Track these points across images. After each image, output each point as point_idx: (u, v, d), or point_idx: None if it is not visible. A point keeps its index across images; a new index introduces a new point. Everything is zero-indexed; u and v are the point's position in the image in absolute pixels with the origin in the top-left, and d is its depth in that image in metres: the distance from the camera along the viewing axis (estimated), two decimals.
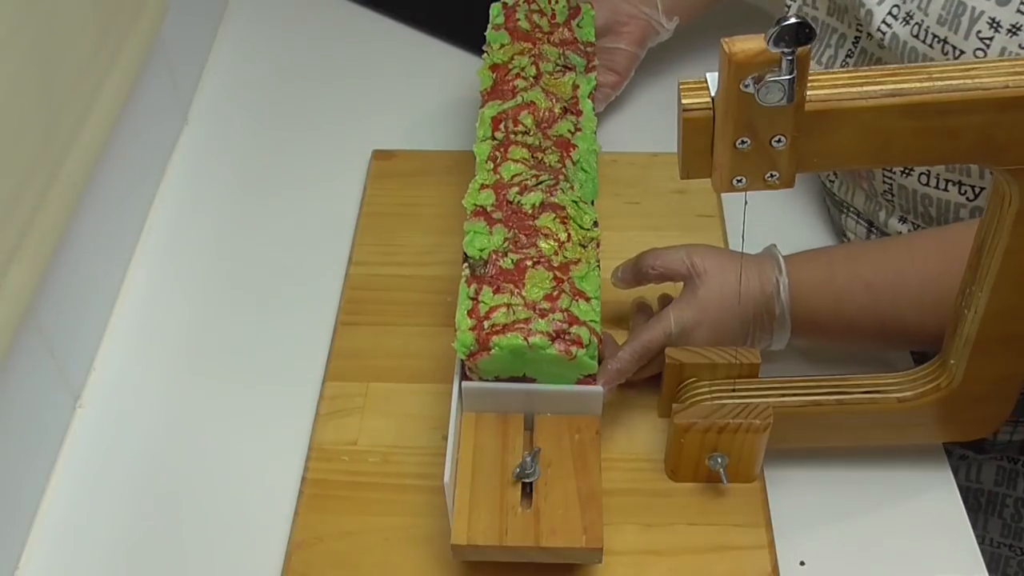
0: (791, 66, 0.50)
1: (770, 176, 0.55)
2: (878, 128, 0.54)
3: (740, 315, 0.73)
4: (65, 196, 0.74)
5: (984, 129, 0.53)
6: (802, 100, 0.52)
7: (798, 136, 0.54)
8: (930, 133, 0.54)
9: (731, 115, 0.53)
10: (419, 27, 1.13)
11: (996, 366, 0.64)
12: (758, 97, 0.51)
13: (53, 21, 0.73)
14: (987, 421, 0.69)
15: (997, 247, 0.58)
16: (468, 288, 0.70)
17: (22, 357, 0.71)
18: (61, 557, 0.72)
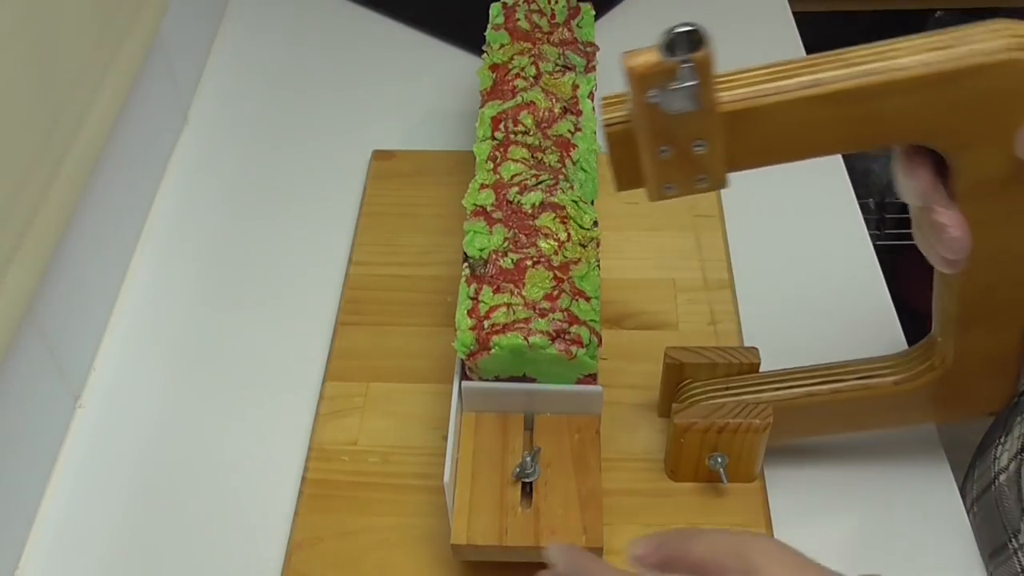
0: (692, 73, 0.50)
1: (700, 181, 0.56)
2: (802, 121, 0.53)
3: None
4: (65, 196, 0.74)
5: (910, 110, 0.52)
6: (712, 104, 0.52)
7: (720, 138, 0.54)
8: (856, 120, 0.53)
9: (645, 127, 0.53)
10: (419, 27, 1.13)
11: (985, 342, 0.62)
12: (663, 107, 0.52)
13: (53, 21, 0.73)
14: (991, 398, 0.67)
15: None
16: (468, 288, 0.70)
17: (22, 357, 0.71)
18: (61, 557, 0.72)
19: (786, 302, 0.85)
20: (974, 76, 0.50)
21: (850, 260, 0.89)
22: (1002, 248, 0.58)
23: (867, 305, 0.85)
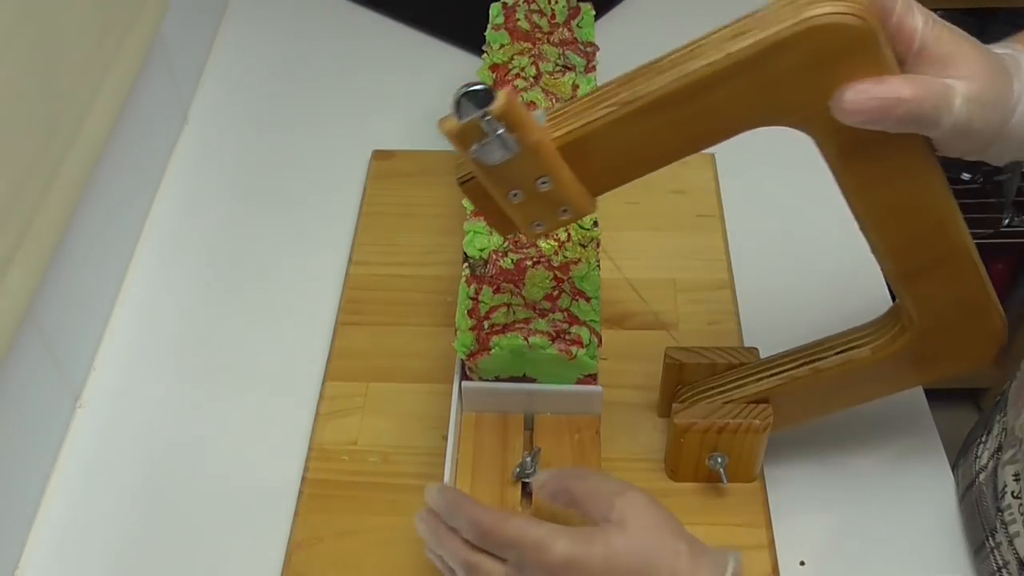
0: (496, 125, 0.52)
1: (563, 213, 0.57)
2: (636, 135, 0.55)
3: None
4: (65, 196, 0.74)
5: (733, 100, 0.53)
6: (531, 145, 0.54)
7: (562, 171, 0.55)
8: (688, 120, 0.54)
9: (485, 179, 0.56)
10: (419, 27, 1.13)
11: (939, 294, 0.61)
12: (484, 161, 0.54)
13: (53, 21, 0.73)
14: (979, 346, 0.65)
15: (845, 187, 0.58)
16: (468, 288, 0.70)
17: (22, 357, 0.71)
18: (61, 557, 0.72)
19: (786, 302, 0.85)
20: (776, 54, 0.51)
21: (850, 260, 0.89)
22: (898, 204, 0.57)
23: (867, 305, 0.85)
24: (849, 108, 0.51)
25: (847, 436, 0.77)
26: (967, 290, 0.60)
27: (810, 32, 0.50)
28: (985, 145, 0.55)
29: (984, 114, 0.52)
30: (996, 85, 0.53)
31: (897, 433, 0.78)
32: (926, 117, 0.51)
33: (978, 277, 0.60)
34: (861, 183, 0.57)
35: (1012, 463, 0.68)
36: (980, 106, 0.52)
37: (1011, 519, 0.67)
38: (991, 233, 1.61)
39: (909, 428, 0.78)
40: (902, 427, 0.78)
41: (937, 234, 0.58)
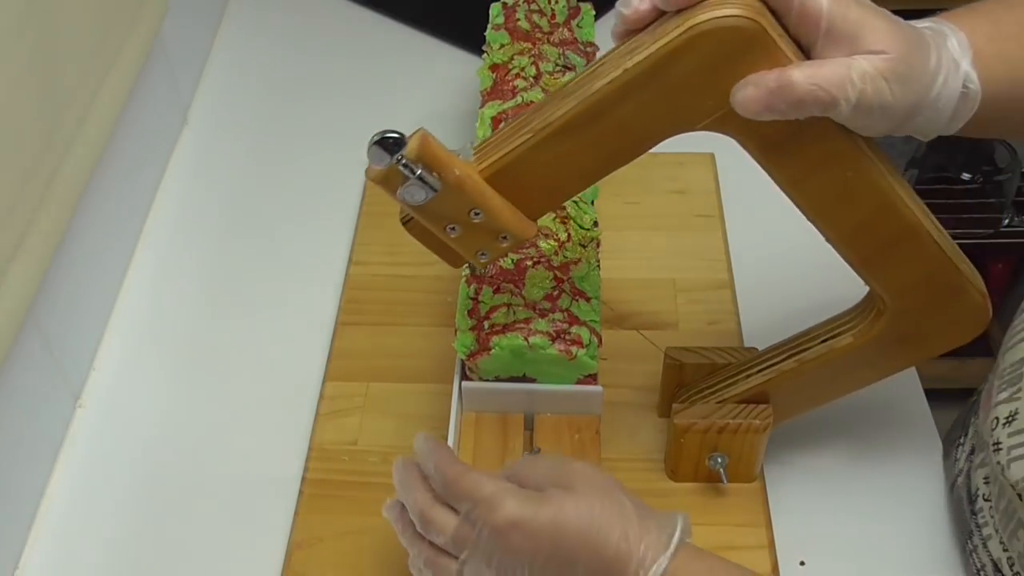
0: (412, 167, 0.55)
1: (502, 240, 0.59)
2: (558, 157, 0.56)
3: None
4: (65, 196, 0.74)
5: (641, 112, 0.54)
6: (452, 181, 0.56)
7: (492, 201, 0.57)
8: (604, 137, 0.55)
9: (419, 216, 0.58)
10: (419, 27, 1.13)
11: (902, 275, 0.61)
12: (409, 202, 0.56)
13: (53, 21, 0.73)
14: (961, 321, 0.63)
15: (779, 182, 0.58)
16: (468, 288, 0.70)
17: (22, 357, 0.71)
18: (61, 557, 0.72)
19: (786, 302, 0.85)
20: (669, 64, 0.52)
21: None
22: (834, 193, 0.57)
23: None
24: (744, 102, 0.52)
25: (847, 436, 0.77)
26: (932, 268, 0.60)
27: (697, 39, 0.51)
28: (905, 119, 0.54)
29: (899, 88, 0.52)
30: (911, 58, 0.52)
31: (897, 433, 0.78)
32: (822, 98, 0.51)
33: (940, 254, 0.59)
34: (791, 177, 0.57)
35: (982, 466, 0.68)
36: (893, 80, 0.51)
37: (984, 522, 0.67)
38: (991, 233, 1.61)
39: (909, 428, 0.78)
40: (902, 427, 0.78)
41: (884, 217, 0.58)
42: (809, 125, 0.53)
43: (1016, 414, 0.62)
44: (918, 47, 0.53)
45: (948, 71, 0.54)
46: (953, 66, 0.54)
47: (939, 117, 0.55)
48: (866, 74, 0.51)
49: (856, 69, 0.51)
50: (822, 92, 0.51)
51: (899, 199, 0.57)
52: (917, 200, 0.58)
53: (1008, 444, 0.62)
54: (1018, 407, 0.62)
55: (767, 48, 0.51)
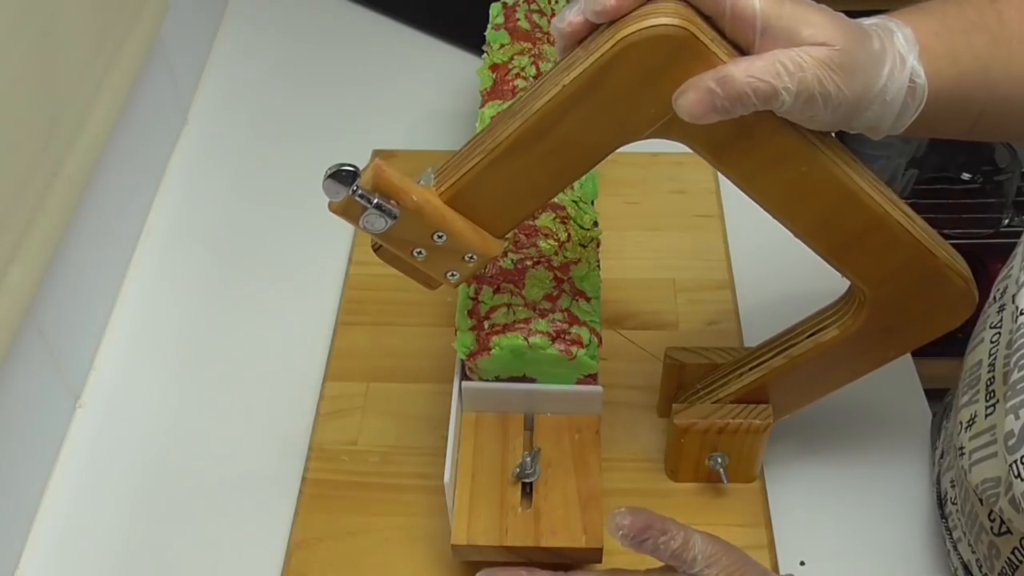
0: (371, 197, 0.56)
1: (469, 260, 0.60)
2: (512, 174, 0.57)
3: None
4: (65, 196, 0.74)
5: (583, 127, 0.54)
6: (411, 206, 0.57)
7: (453, 223, 0.58)
8: (553, 152, 0.56)
9: (385, 243, 0.60)
10: (419, 27, 1.13)
11: (875, 265, 0.61)
12: (371, 231, 0.58)
13: (53, 21, 0.73)
14: (949, 309, 0.63)
15: (735, 182, 0.59)
16: (468, 288, 0.70)
17: (22, 357, 0.71)
18: (61, 557, 0.72)
19: (786, 302, 0.85)
20: (604, 77, 0.52)
21: None
22: (792, 189, 0.57)
23: None
24: (686, 107, 0.52)
25: (847, 437, 0.77)
26: (905, 256, 0.59)
27: (627, 51, 0.51)
28: (852, 112, 0.54)
29: (842, 78, 0.51)
30: (854, 50, 0.52)
31: (896, 434, 0.78)
32: (762, 89, 0.51)
33: (912, 242, 0.59)
34: (745, 176, 0.57)
35: (949, 470, 0.68)
36: (835, 70, 0.51)
37: (953, 525, 0.67)
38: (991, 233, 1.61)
39: (908, 429, 0.78)
40: (901, 428, 0.78)
41: (847, 209, 0.57)
42: (756, 123, 0.53)
43: (975, 417, 0.62)
44: (860, 40, 0.52)
45: (894, 64, 0.53)
46: (900, 60, 0.54)
47: (887, 112, 0.54)
48: (804, 62, 0.51)
49: (792, 58, 0.51)
50: (760, 83, 0.50)
51: (860, 190, 0.57)
52: (883, 189, 0.58)
53: (969, 448, 0.62)
54: (976, 410, 0.62)
55: (700, 53, 0.51)
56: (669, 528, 0.57)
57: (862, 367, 0.67)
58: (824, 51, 0.51)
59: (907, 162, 1.60)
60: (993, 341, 0.63)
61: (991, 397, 0.61)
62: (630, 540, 0.57)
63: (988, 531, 0.61)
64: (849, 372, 0.68)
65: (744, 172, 0.57)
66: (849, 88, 0.52)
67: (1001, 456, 0.57)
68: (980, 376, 0.63)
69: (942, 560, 0.71)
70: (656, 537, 0.57)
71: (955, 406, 0.67)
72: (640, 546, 0.57)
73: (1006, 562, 0.60)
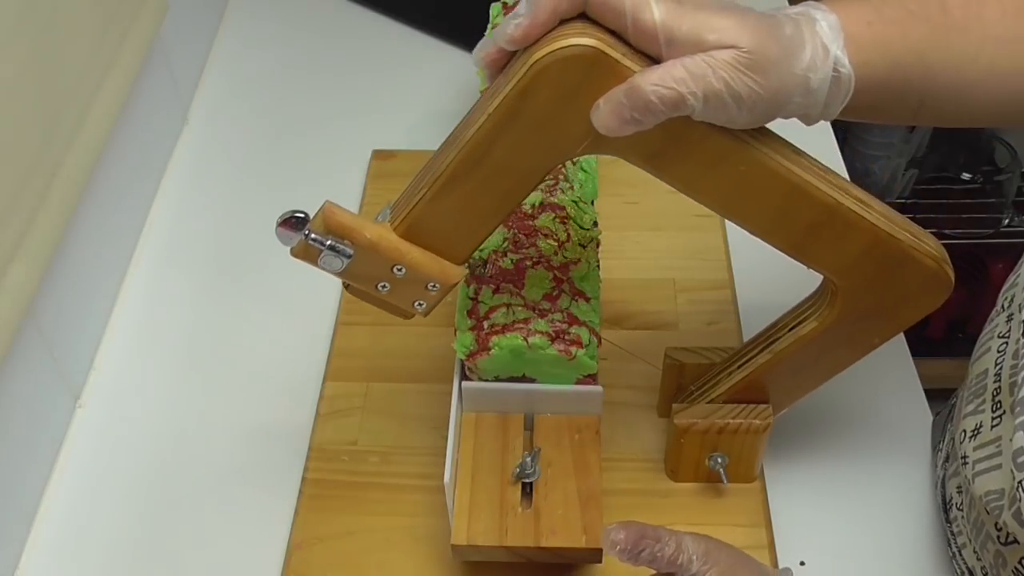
0: (324, 239, 0.59)
1: (432, 288, 0.62)
2: (454, 205, 0.58)
3: None
4: (65, 196, 0.74)
5: (515, 151, 0.56)
6: (368, 243, 0.59)
7: (410, 255, 0.60)
8: (489, 180, 0.57)
9: (350, 281, 0.62)
10: (419, 27, 1.13)
11: (837, 255, 0.60)
12: (330, 270, 0.60)
13: (53, 21, 0.73)
14: (925, 292, 0.62)
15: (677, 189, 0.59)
16: (467, 288, 0.70)
17: (22, 357, 0.71)
18: (61, 557, 0.72)
19: (786, 302, 0.85)
20: (523, 102, 0.53)
21: None
22: (735, 189, 0.57)
23: None
24: (601, 121, 0.53)
25: (847, 437, 0.77)
26: (866, 243, 0.59)
27: (541, 74, 0.52)
28: (774, 107, 0.53)
29: (754, 77, 0.51)
30: (765, 47, 0.52)
31: (896, 434, 0.78)
32: (669, 96, 0.51)
33: (870, 228, 0.58)
34: (685, 182, 0.58)
35: (955, 476, 0.68)
36: (745, 70, 0.51)
37: (958, 531, 0.67)
38: (991, 233, 1.62)
39: (908, 428, 0.78)
40: (901, 428, 0.78)
41: (796, 203, 0.57)
42: (683, 130, 0.54)
43: (980, 427, 0.62)
44: (772, 35, 0.52)
45: (815, 54, 0.53)
46: (822, 49, 0.53)
47: (814, 101, 0.54)
48: (709, 67, 0.51)
49: (696, 63, 0.51)
50: (665, 90, 0.51)
51: (805, 182, 0.56)
52: (831, 177, 0.57)
53: (973, 458, 0.62)
54: (982, 420, 0.62)
55: (612, 68, 0.52)
56: (662, 535, 0.57)
57: (849, 356, 0.67)
58: (730, 54, 0.51)
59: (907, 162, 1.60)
60: (1000, 351, 0.62)
61: (997, 408, 0.61)
62: (627, 554, 0.57)
63: (995, 540, 0.61)
64: (837, 361, 0.67)
65: (683, 178, 0.58)
66: (764, 86, 0.52)
67: (1007, 470, 0.56)
68: (986, 386, 0.63)
69: (942, 560, 0.71)
70: (651, 546, 0.56)
71: (959, 412, 0.66)
72: (637, 559, 0.57)
73: (1012, 571, 0.60)
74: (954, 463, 0.68)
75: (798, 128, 0.57)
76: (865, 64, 0.54)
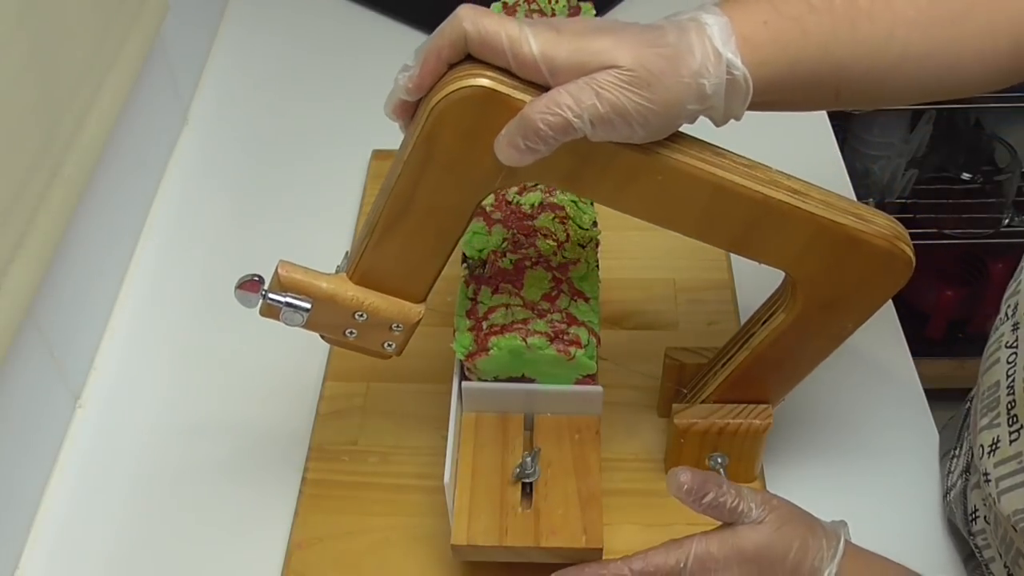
0: (281, 296, 0.62)
1: (396, 328, 0.64)
2: (397, 248, 0.61)
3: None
4: (65, 196, 0.74)
5: (436, 193, 0.58)
6: (325, 295, 0.62)
7: (370, 300, 0.63)
8: (422, 222, 0.59)
9: (319, 332, 0.65)
10: (419, 27, 1.13)
11: (782, 248, 0.60)
12: (292, 325, 0.63)
13: (53, 21, 0.73)
14: (884, 274, 0.61)
15: (603, 204, 0.61)
16: (467, 288, 0.70)
17: (22, 357, 0.71)
18: (61, 557, 0.72)
19: None
20: (430, 146, 0.56)
21: None
22: (658, 201, 0.58)
23: None
24: (502, 154, 0.54)
25: (847, 437, 0.77)
26: (808, 232, 0.59)
27: (439, 119, 0.54)
28: (671, 117, 0.54)
29: (640, 94, 0.52)
30: (648, 63, 0.52)
31: (896, 434, 0.78)
32: (556, 122, 0.52)
33: (808, 218, 0.58)
34: (608, 198, 0.59)
35: (976, 488, 0.67)
36: (628, 90, 0.52)
37: (984, 544, 0.66)
38: (991, 233, 1.61)
39: (909, 429, 0.78)
40: (902, 428, 0.78)
41: (723, 203, 0.58)
42: (591, 150, 0.55)
43: (998, 442, 0.62)
44: (654, 47, 0.52)
45: (706, 59, 0.53)
46: (713, 54, 0.53)
47: (713, 104, 0.54)
48: (592, 88, 0.52)
49: (579, 87, 0.52)
50: (552, 117, 0.52)
51: (728, 182, 0.57)
52: (762, 172, 0.58)
53: (996, 475, 0.61)
54: (998, 434, 0.62)
55: (505, 103, 0.53)
56: (723, 482, 0.59)
57: (826, 343, 0.67)
58: (612, 73, 0.52)
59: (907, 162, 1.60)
60: (1010, 362, 0.62)
61: (1014, 422, 0.60)
62: (692, 496, 0.59)
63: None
64: (816, 350, 0.67)
65: (605, 195, 0.59)
66: (652, 100, 0.52)
67: None
68: (999, 398, 0.62)
69: (942, 560, 0.71)
70: (716, 491, 0.58)
71: (974, 423, 0.66)
72: (700, 503, 0.59)
73: None
74: (975, 476, 0.67)
75: (799, 128, 0.57)
76: (763, 64, 0.54)
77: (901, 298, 0.90)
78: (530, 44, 0.52)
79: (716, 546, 0.59)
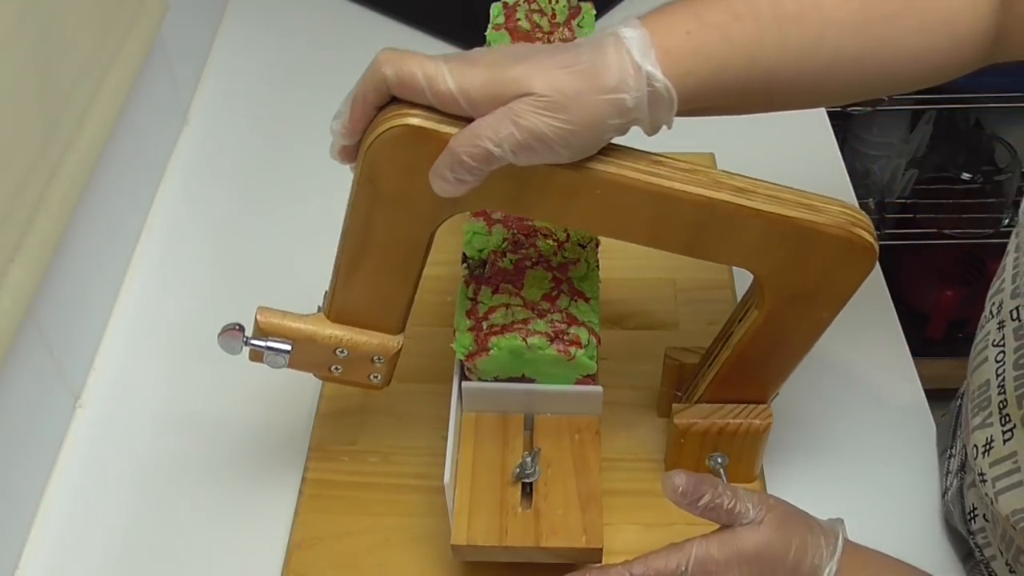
0: (262, 341, 0.65)
1: (377, 361, 0.66)
2: (365, 282, 0.63)
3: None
4: (65, 196, 0.74)
5: (391, 230, 0.60)
6: (304, 336, 0.64)
7: (348, 336, 0.65)
8: (384, 258, 0.61)
9: (306, 370, 0.67)
10: (419, 27, 1.13)
11: (736, 247, 0.60)
12: (276, 367, 0.65)
13: (53, 21, 0.73)
14: (849, 262, 0.60)
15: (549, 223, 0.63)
16: (467, 288, 0.70)
17: (22, 357, 0.71)
18: (61, 557, 0.72)
19: None
20: (372, 184, 0.57)
21: None
22: (604, 216, 0.59)
23: (867, 304, 0.84)
24: (436, 186, 0.55)
25: (847, 437, 0.77)
26: (759, 230, 0.58)
27: (374, 159, 0.56)
28: (595, 134, 0.54)
29: (557, 118, 0.52)
30: (562, 86, 0.52)
31: (896, 434, 0.78)
32: (476, 152, 0.53)
33: (752, 213, 0.58)
34: (553, 216, 0.61)
35: (972, 487, 0.67)
36: (544, 114, 0.52)
37: (984, 542, 0.66)
38: (991, 233, 1.61)
39: (908, 429, 0.78)
40: (901, 428, 0.78)
41: (666, 209, 0.58)
42: (527, 173, 0.56)
43: (991, 441, 0.61)
44: (567, 69, 0.53)
45: (624, 75, 0.53)
46: (632, 68, 0.53)
47: (638, 116, 0.54)
48: (509, 118, 0.52)
49: (496, 117, 0.53)
50: (473, 148, 0.53)
51: (669, 188, 0.57)
52: (704, 174, 0.58)
53: (991, 475, 0.61)
54: (991, 434, 0.62)
55: (434, 137, 0.55)
56: (718, 484, 0.59)
57: (806, 336, 0.66)
58: (527, 101, 0.52)
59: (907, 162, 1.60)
60: (999, 360, 0.62)
61: (1007, 421, 0.60)
62: (687, 499, 0.59)
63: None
64: (798, 343, 0.67)
65: (551, 214, 0.60)
66: (570, 121, 0.53)
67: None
68: (990, 398, 0.62)
69: (942, 560, 0.71)
70: (711, 492, 0.59)
71: (966, 422, 0.66)
72: (695, 505, 0.59)
73: None
74: (971, 475, 0.67)
75: (799, 128, 0.57)
76: (686, 74, 0.54)
77: (901, 298, 0.90)
78: (447, 81, 0.53)
79: (716, 548, 0.59)
